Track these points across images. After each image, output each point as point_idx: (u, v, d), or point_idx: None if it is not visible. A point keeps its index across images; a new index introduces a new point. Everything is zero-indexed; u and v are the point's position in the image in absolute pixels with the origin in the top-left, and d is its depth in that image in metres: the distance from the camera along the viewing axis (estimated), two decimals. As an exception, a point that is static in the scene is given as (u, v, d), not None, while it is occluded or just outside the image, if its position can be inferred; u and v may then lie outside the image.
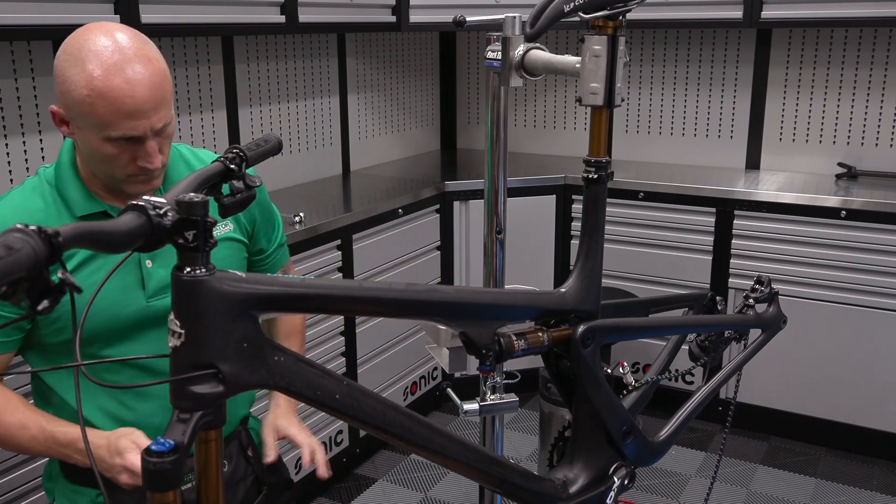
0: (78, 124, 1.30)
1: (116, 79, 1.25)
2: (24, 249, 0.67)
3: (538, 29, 1.27)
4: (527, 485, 1.24)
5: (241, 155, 1.17)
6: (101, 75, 1.24)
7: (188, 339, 0.85)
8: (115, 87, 1.25)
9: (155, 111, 1.29)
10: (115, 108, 1.25)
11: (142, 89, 1.26)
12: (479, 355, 1.19)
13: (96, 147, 1.30)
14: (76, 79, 1.25)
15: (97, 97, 1.25)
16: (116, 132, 1.27)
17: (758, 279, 1.79)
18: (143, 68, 1.27)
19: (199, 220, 0.84)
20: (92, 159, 1.35)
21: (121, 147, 1.30)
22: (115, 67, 1.25)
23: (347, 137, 3.63)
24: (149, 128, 1.29)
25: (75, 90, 1.26)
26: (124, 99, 1.25)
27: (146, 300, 1.41)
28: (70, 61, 1.27)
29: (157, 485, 0.82)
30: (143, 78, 1.27)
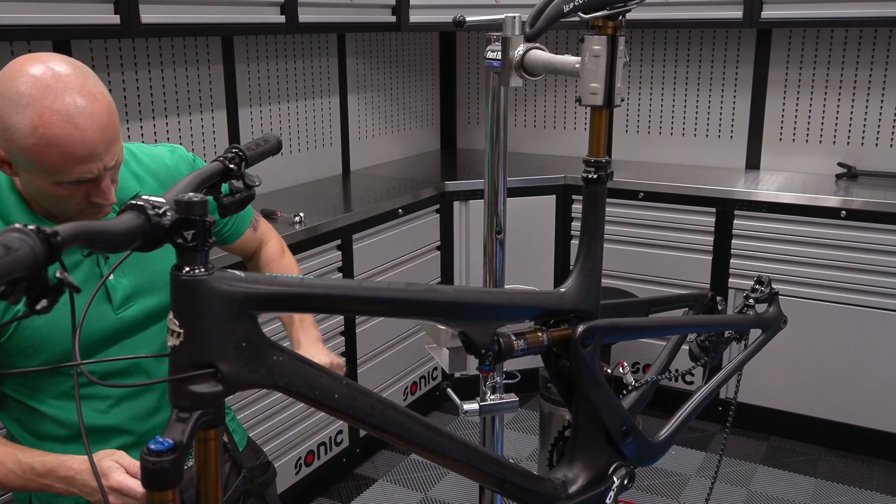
0: (24, 168, 1.22)
1: (65, 125, 1.16)
2: (23, 249, 0.67)
3: (538, 29, 1.27)
4: (526, 485, 1.24)
5: (241, 154, 1.17)
6: (46, 122, 1.15)
7: (187, 338, 0.85)
8: (64, 135, 1.16)
9: (107, 151, 1.22)
10: (67, 155, 1.18)
11: (93, 133, 1.18)
12: (478, 355, 1.19)
13: (46, 189, 1.24)
14: (20, 126, 1.16)
15: (46, 145, 1.16)
16: (69, 177, 1.20)
17: (758, 279, 1.79)
18: (89, 108, 1.19)
19: (197, 219, 0.84)
20: (41, 197, 1.28)
21: (72, 188, 1.23)
22: (61, 112, 1.16)
23: (347, 137, 3.63)
24: (102, 168, 1.23)
25: (20, 137, 1.16)
26: (76, 146, 1.17)
27: (114, 312, 1.38)
28: (9, 105, 1.17)
29: (156, 484, 0.82)
30: (93, 120, 1.18)
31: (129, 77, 2.62)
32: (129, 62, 2.62)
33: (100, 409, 1.40)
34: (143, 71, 2.66)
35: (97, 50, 2.52)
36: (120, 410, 1.41)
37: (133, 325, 1.40)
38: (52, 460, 1.28)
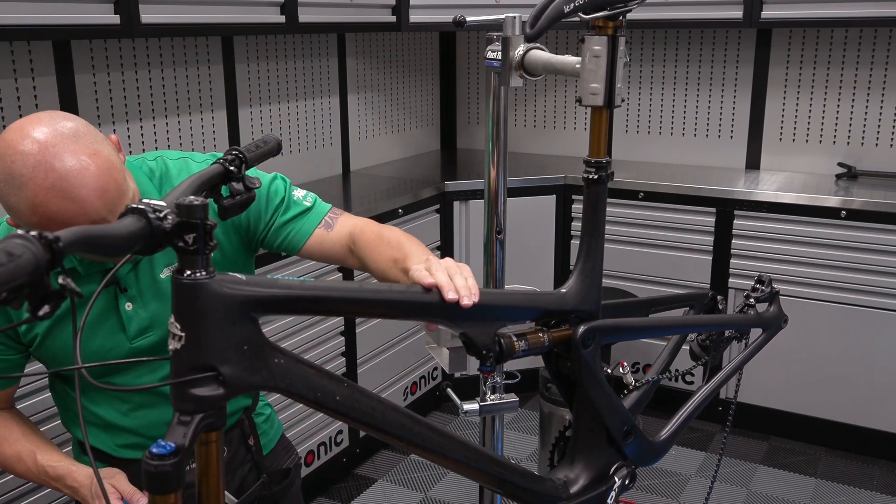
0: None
1: (62, 202, 1.13)
2: (25, 255, 0.66)
3: (538, 29, 1.27)
4: (527, 485, 1.24)
5: (241, 156, 1.17)
6: (42, 202, 1.12)
7: (188, 341, 0.85)
8: (63, 210, 1.13)
9: (111, 212, 1.17)
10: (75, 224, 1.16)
11: (91, 203, 1.15)
12: (479, 356, 1.18)
13: None
14: (21, 207, 1.15)
15: (49, 222, 1.14)
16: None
17: (758, 279, 1.78)
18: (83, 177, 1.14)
19: (198, 223, 0.84)
20: None
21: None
22: (55, 189, 1.12)
23: (347, 137, 3.63)
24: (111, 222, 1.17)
25: (24, 217, 1.16)
26: (77, 218, 1.14)
27: (129, 342, 1.40)
28: (7, 188, 1.14)
29: (158, 487, 0.82)
30: (88, 190, 1.14)
31: (129, 77, 2.62)
32: (129, 62, 2.62)
33: (121, 410, 1.45)
34: (143, 71, 2.66)
35: (97, 50, 2.51)
36: (138, 415, 1.46)
37: (148, 355, 1.42)
38: (62, 469, 1.38)
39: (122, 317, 1.38)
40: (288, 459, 1.69)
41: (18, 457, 1.40)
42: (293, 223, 1.49)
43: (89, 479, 1.36)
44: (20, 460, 1.40)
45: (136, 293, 1.38)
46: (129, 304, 1.39)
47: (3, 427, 1.43)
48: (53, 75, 2.40)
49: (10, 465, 1.42)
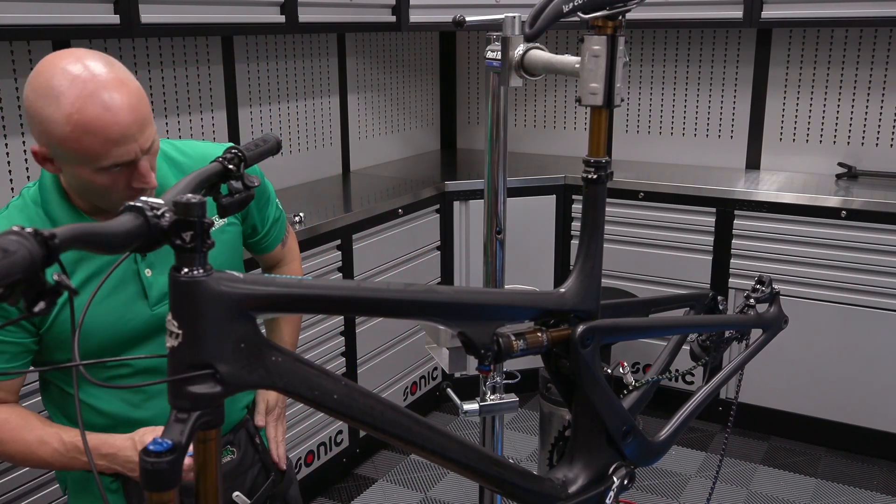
0: (65, 159, 1.27)
1: (96, 109, 1.21)
2: (20, 252, 0.66)
3: (537, 29, 1.27)
4: (526, 485, 1.24)
5: (240, 155, 1.17)
6: (79, 108, 1.20)
7: (186, 339, 0.85)
8: (97, 118, 1.21)
9: (141, 132, 1.26)
10: (102, 138, 1.22)
11: (124, 114, 1.23)
12: (478, 355, 1.18)
13: (89, 180, 1.28)
14: (54, 117, 1.21)
15: (82, 132, 1.21)
16: (108, 161, 1.25)
17: (759, 279, 1.78)
18: (119, 93, 1.24)
19: (196, 220, 0.83)
20: (83, 191, 1.33)
21: (114, 175, 1.28)
22: (92, 97, 1.21)
23: (347, 137, 3.63)
24: (138, 150, 1.27)
25: (57, 128, 1.21)
26: (110, 127, 1.22)
27: (150, 309, 1.42)
28: (43, 100, 1.22)
29: (155, 484, 0.82)
30: (123, 102, 1.23)
31: (128, 77, 2.62)
32: (129, 62, 2.62)
33: (133, 403, 1.45)
34: (143, 71, 2.66)
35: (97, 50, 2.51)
36: (152, 405, 1.45)
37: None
38: (95, 439, 1.35)
39: (143, 283, 1.41)
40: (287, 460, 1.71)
41: (42, 440, 1.36)
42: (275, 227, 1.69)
43: (129, 439, 1.34)
44: (44, 443, 1.35)
45: (156, 258, 1.42)
46: (149, 269, 1.42)
47: (19, 416, 1.39)
48: (53, 75, 2.40)
49: (32, 451, 1.36)
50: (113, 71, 1.26)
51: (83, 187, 1.32)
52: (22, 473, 1.96)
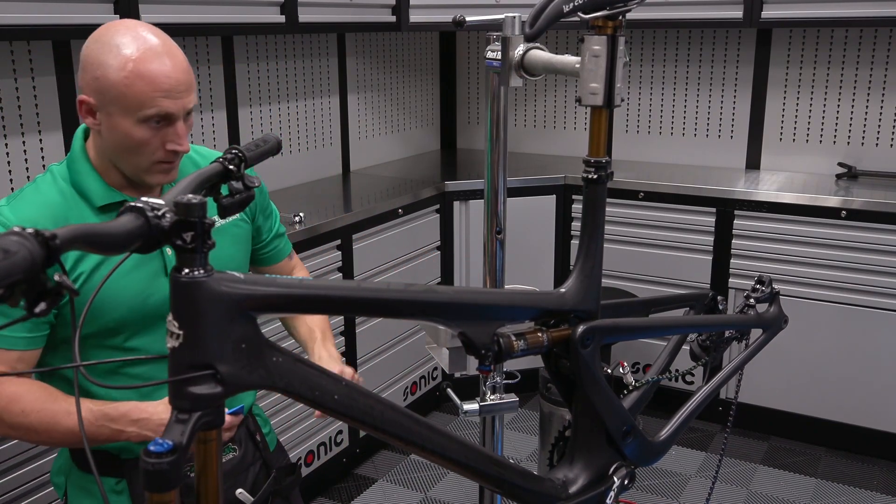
0: (109, 110, 1.33)
1: (153, 62, 1.31)
2: (21, 252, 0.66)
3: (538, 29, 1.27)
4: (526, 485, 1.24)
5: (240, 155, 1.17)
6: (137, 58, 1.30)
7: (186, 339, 0.85)
8: (152, 69, 1.31)
9: (187, 92, 1.35)
10: (153, 86, 1.31)
11: (177, 71, 1.33)
12: (478, 355, 1.18)
13: (127, 133, 1.33)
14: (112, 62, 1.30)
15: (135, 77, 1.30)
16: (152, 110, 1.32)
17: (759, 279, 1.78)
18: (174, 55, 1.35)
19: (196, 221, 0.84)
20: (118, 149, 1.37)
21: (151, 130, 1.34)
22: (151, 51, 1.32)
23: (347, 137, 3.63)
24: (181, 108, 1.35)
25: (112, 73, 1.30)
26: (162, 78, 1.31)
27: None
28: (104, 49, 1.32)
29: (155, 485, 0.82)
30: (177, 62, 1.34)
31: (128, 77, 2.62)
32: (128, 62, 2.61)
33: (143, 392, 1.44)
34: (142, 71, 2.66)
35: (97, 50, 2.51)
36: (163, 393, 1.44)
37: None
38: (126, 405, 1.35)
39: (164, 259, 1.44)
40: (286, 459, 1.72)
41: (67, 411, 1.34)
42: (280, 240, 1.71)
43: (163, 404, 1.33)
44: (69, 413, 1.33)
45: None
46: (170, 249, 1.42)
47: (41, 388, 1.37)
48: (53, 75, 2.40)
49: (57, 420, 1.33)
50: (168, 39, 1.38)
51: (118, 145, 1.36)
52: (22, 473, 1.96)
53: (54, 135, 2.44)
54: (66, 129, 2.46)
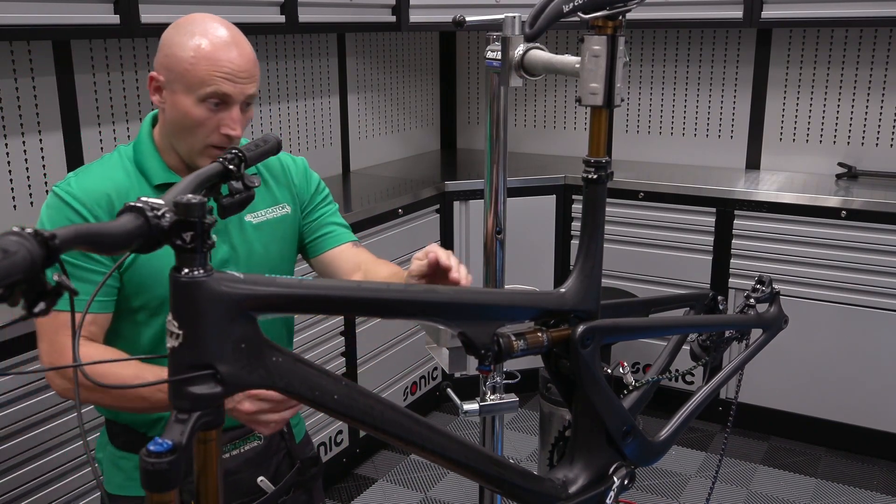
0: (174, 87, 1.40)
1: (221, 48, 1.40)
2: (21, 253, 0.66)
3: (538, 29, 1.27)
4: (526, 485, 1.24)
5: (240, 155, 1.17)
6: (207, 44, 1.39)
7: (186, 339, 0.85)
8: (217, 53, 1.39)
9: (248, 80, 1.42)
10: (216, 67, 1.38)
11: (241, 60, 1.41)
12: (478, 355, 1.18)
13: (186, 111, 1.39)
14: (185, 43, 1.39)
15: (201, 57, 1.38)
16: (210, 88, 1.38)
17: (759, 279, 1.78)
18: (243, 47, 1.43)
19: (196, 221, 0.83)
20: (177, 128, 1.43)
21: (209, 112, 1.39)
22: (221, 41, 1.40)
23: (347, 137, 3.63)
24: (240, 93, 1.40)
25: (182, 52, 1.38)
26: (224, 62, 1.39)
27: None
28: (181, 32, 1.41)
29: (155, 485, 0.82)
30: (244, 52, 1.42)
31: (128, 77, 2.62)
32: (128, 62, 2.62)
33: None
34: (143, 71, 2.66)
35: (97, 50, 2.52)
36: None
37: None
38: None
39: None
40: (311, 451, 1.73)
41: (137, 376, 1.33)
42: (335, 227, 1.69)
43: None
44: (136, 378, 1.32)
45: (223, 227, 1.49)
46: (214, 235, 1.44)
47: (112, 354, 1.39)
48: (53, 75, 2.40)
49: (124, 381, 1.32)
50: (243, 36, 1.46)
51: (177, 125, 1.42)
52: (22, 473, 1.97)
53: (54, 135, 2.44)
54: (66, 129, 2.46)
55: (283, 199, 1.61)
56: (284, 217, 1.61)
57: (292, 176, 1.65)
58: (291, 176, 1.65)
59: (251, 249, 1.54)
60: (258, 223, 1.55)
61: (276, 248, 1.58)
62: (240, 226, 1.53)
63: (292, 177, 1.65)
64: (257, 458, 1.57)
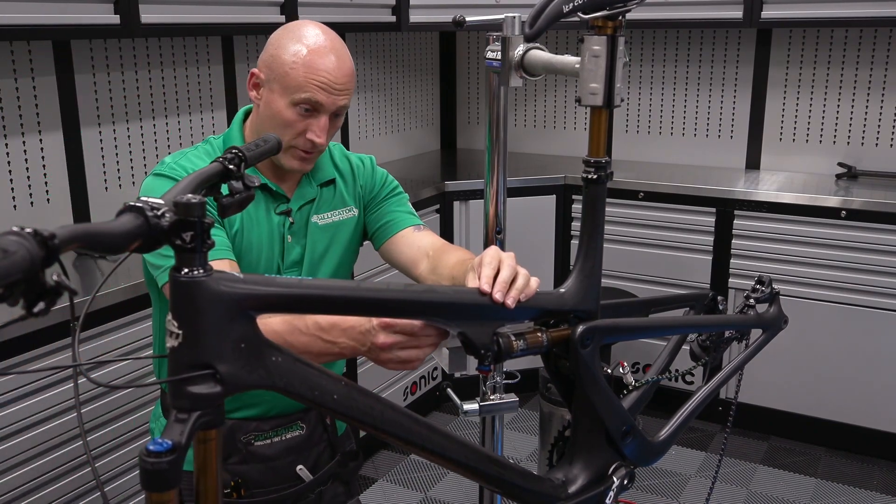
0: (272, 86, 1.46)
1: (322, 59, 1.44)
2: (20, 252, 0.66)
3: (537, 29, 1.27)
4: (526, 484, 1.24)
5: (240, 155, 1.17)
6: (311, 49, 1.44)
7: (186, 339, 0.85)
8: (317, 62, 1.44)
9: (342, 93, 1.46)
10: (314, 75, 1.43)
11: (339, 73, 1.45)
12: (478, 355, 1.18)
13: (279, 111, 1.45)
14: (290, 47, 1.45)
15: (300, 63, 1.43)
16: (304, 94, 1.43)
17: (759, 279, 1.78)
18: (343, 60, 1.48)
19: (196, 221, 0.83)
20: (267, 126, 1.48)
21: (299, 116, 1.45)
22: (324, 50, 1.45)
23: (347, 137, 3.63)
24: (331, 103, 1.45)
25: (285, 54, 1.44)
26: (321, 72, 1.43)
27: (282, 271, 1.55)
28: (289, 36, 1.47)
29: (154, 485, 0.82)
30: (343, 65, 1.47)
31: (129, 77, 2.62)
32: (129, 62, 2.62)
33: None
34: (143, 71, 2.66)
35: (97, 50, 2.52)
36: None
37: None
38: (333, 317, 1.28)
39: (284, 245, 1.55)
40: (351, 444, 1.75)
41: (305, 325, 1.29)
42: (397, 213, 1.70)
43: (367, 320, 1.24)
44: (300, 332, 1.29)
45: (298, 228, 1.57)
46: (290, 236, 1.55)
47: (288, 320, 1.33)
48: (53, 75, 2.40)
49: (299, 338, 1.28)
50: (345, 48, 1.50)
51: (269, 121, 1.47)
52: (22, 473, 1.97)
53: (54, 135, 2.44)
54: (66, 129, 2.46)
55: (350, 202, 1.65)
56: (350, 220, 1.65)
57: (359, 177, 1.69)
58: (359, 177, 1.69)
59: (314, 249, 1.58)
60: (324, 224, 1.60)
61: (337, 250, 1.62)
62: (306, 225, 1.58)
63: (359, 178, 1.69)
64: (298, 447, 1.60)
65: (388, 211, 1.70)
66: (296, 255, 1.56)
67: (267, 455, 1.56)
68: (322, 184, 1.61)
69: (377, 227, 1.69)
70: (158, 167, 1.49)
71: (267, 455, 1.56)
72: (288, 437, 1.58)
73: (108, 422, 2.13)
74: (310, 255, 1.58)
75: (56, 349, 1.98)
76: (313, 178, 1.59)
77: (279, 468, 1.57)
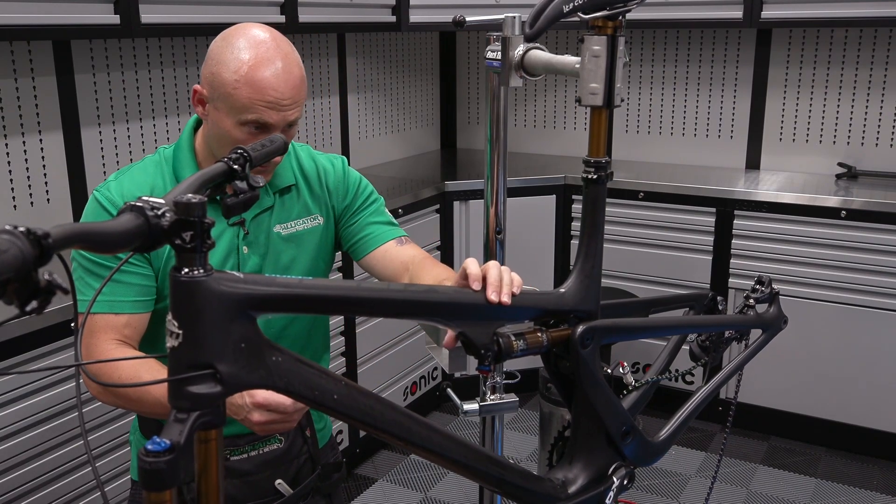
0: (217, 105, 1.40)
1: (266, 70, 1.36)
2: (11, 251, 0.66)
3: (538, 29, 1.27)
4: (526, 485, 1.24)
5: (245, 155, 1.17)
6: (252, 65, 1.36)
7: (186, 339, 0.85)
8: (262, 78, 1.36)
9: (291, 107, 1.40)
10: (259, 95, 1.36)
11: (285, 87, 1.37)
12: (477, 355, 1.18)
13: (227, 130, 1.39)
14: (230, 63, 1.37)
15: (245, 83, 1.35)
16: (251, 116, 1.37)
17: (758, 279, 1.78)
18: (288, 68, 1.39)
19: (196, 220, 0.83)
20: (218, 141, 1.43)
21: (248, 134, 1.39)
22: (267, 60, 1.36)
23: (347, 137, 3.63)
24: (280, 120, 1.39)
25: (226, 73, 1.37)
26: (269, 90, 1.36)
27: None
28: (226, 48, 1.39)
29: (152, 484, 0.82)
30: (289, 76, 1.38)
31: (128, 77, 2.62)
32: (129, 62, 2.62)
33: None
34: (143, 71, 2.66)
35: (97, 50, 2.52)
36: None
37: None
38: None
39: (239, 258, 1.51)
40: (335, 456, 1.73)
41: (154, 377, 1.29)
42: (376, 226, 1.65)
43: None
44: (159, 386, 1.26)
45: (254, 239, 1.52)
46: (246, 247, 1.50)
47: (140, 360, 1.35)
48: (53, 75, 2.40)
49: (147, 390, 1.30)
50: (292, 52, 1.42)
51: (218, 139, 1.43)
52: (22, 473, 1.97)
53: (54, 135, 2.44)
54: (66, 129, 2.46)
55: (315, 210, 1.59)
56: (315, 229, 1.59)
57: (328, 182, 1.62)
58: (327, 182, 1.62)
59: (278, 261, 1.53)
60: (287, 234, 1.55)
61: (304, 260, 1.57)
62: (267, 236, 1.52)
63: (328, 183, 1.62)
64: (276, 461, 1.56)
65: (366, 223, 1.64)
66: (253, 266, 1.51)
67: (244, 470, 1.52)
68: (279, 191, 1.55)
69: (356, 239, 1.64)
70: (101, 189, 1.44)
71: (244, 470, 1.52)
72: (265, 450, 1.55)
73: (108, 421, 2.13)
74: (272, 266, 1.53)
75: (56, 349, 1.98)
76: (269, 186, 1.54)
77: (256, 483, 1.54)
